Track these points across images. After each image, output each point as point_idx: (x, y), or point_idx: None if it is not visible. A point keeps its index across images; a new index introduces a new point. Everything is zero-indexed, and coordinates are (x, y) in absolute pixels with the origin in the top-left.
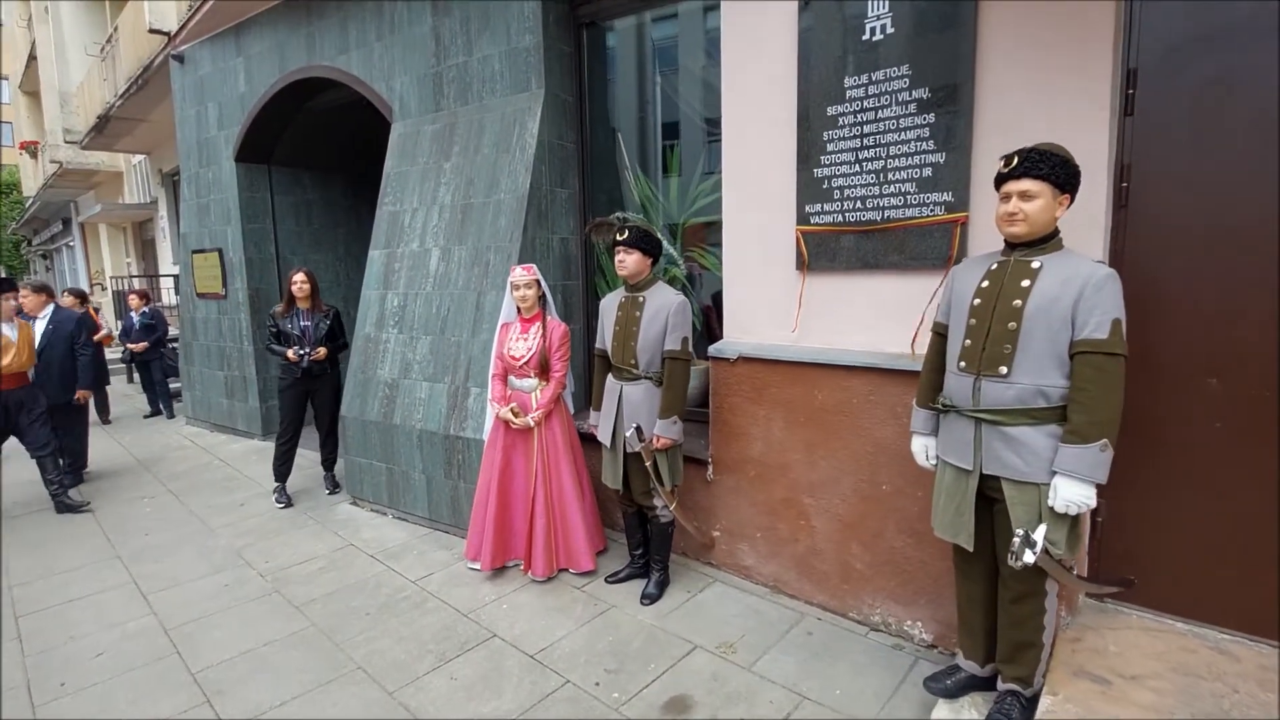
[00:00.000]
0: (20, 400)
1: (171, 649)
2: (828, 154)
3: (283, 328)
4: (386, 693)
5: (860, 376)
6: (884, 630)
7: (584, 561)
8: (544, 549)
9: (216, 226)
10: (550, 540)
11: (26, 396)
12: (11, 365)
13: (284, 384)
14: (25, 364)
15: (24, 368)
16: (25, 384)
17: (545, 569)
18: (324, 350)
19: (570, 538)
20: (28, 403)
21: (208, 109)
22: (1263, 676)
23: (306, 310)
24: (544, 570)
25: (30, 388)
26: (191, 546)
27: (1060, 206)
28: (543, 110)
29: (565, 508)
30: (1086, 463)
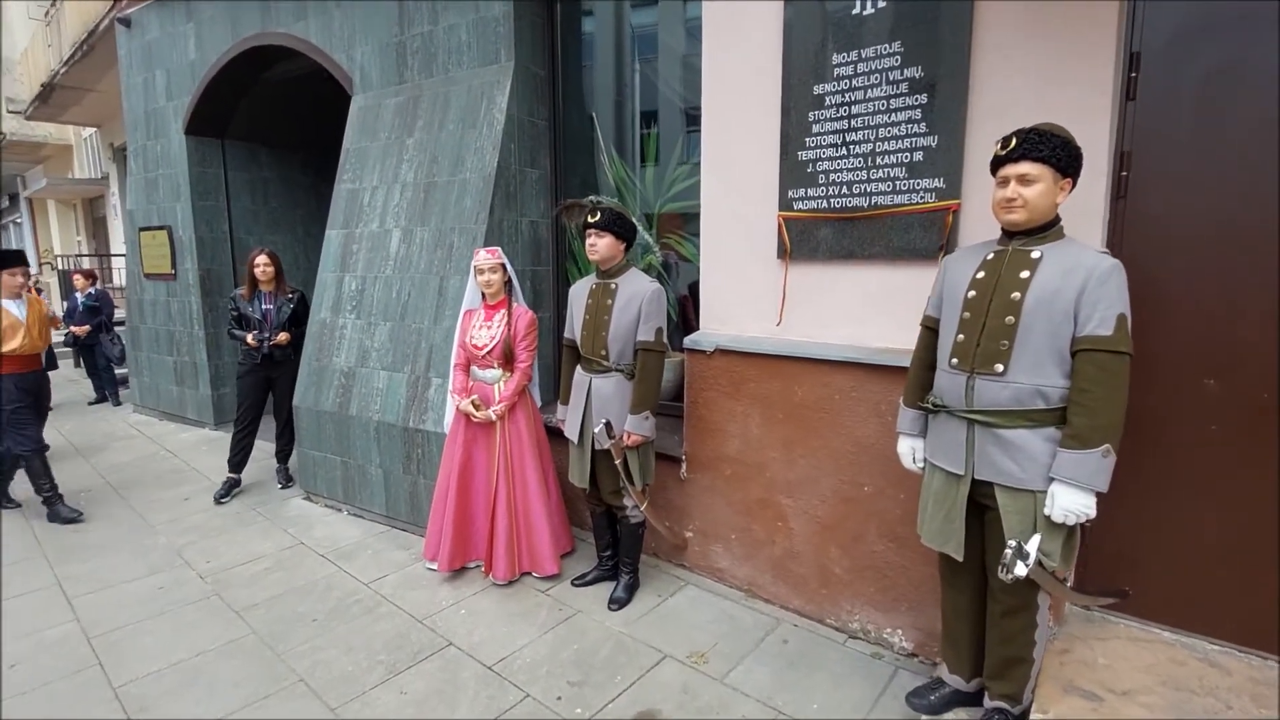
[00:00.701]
0: (29, 385)
1: (94, 659)
2: (813, 136)
3: (244, 311)
4: (329, 709)
5: (843, 372)
6: (863, 638)
7: (547, 565)
8: (505, 550)
9: (165, 203)
10: (512, 541)
11: (43, 382)
12: (22, 347)
13: (243, 369)
14: (38, 345)
15: (37, 349)
16: (37, 368)
17: (506, 572)
18: (286, 335)
19: (534, 539)
20: (44, 390)
21: (156, 77)
22: (1256, 691)
23: (270, 293)
24: (505, 573)
25: (43, 374)
26: (127, 545)
27: (1062, 192)
28: (512, 84)
29: (529, 507)
30: (1087, 469)
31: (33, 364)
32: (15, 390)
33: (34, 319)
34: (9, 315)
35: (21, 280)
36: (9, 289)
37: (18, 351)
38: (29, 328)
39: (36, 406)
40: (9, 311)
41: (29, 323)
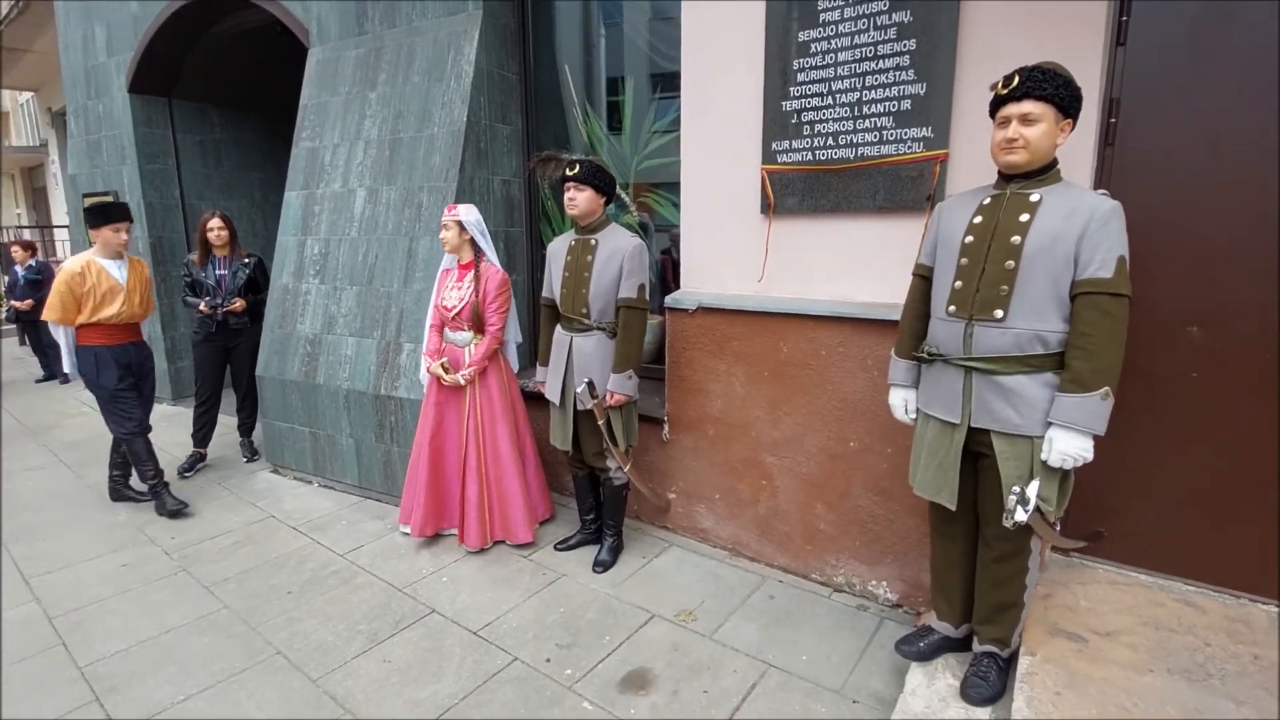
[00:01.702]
0: (132, 360)
1: (56, 640)
2: (798, 85)
3: (197, 277)
4: (310, 680)
5: (829, 327)
6: (848, 591)
7: (520, 533)
8: (476, 518)
9: (110, 167)
10: (484, 508)
11: (144, 357)
12: (120, 315)
13: (197, 339)
14: (138, 313)
15: (136, 318)
16: (137, 339)
17: (478, 539)
18: (241, 302)
19: (506, 507)
20: (139, 366)
21: (95, 32)
22: (1231, 628)
23: (224, 258)
24: (476, 541)
25: (143, 346)
26: (86, 523)
27: (1062, 133)
28: (480, 34)
29: (501, 474)
30: (1086, 413)
31: (132, 335)
32: (113, 365)
33: (135, 283)
34: (107, 277)
35: (125, 238)
36: (111, 247)
37: (114, 320)
38: (129, 293)
39: (137, 384)
40: (108, 273)
41: (130, 287)
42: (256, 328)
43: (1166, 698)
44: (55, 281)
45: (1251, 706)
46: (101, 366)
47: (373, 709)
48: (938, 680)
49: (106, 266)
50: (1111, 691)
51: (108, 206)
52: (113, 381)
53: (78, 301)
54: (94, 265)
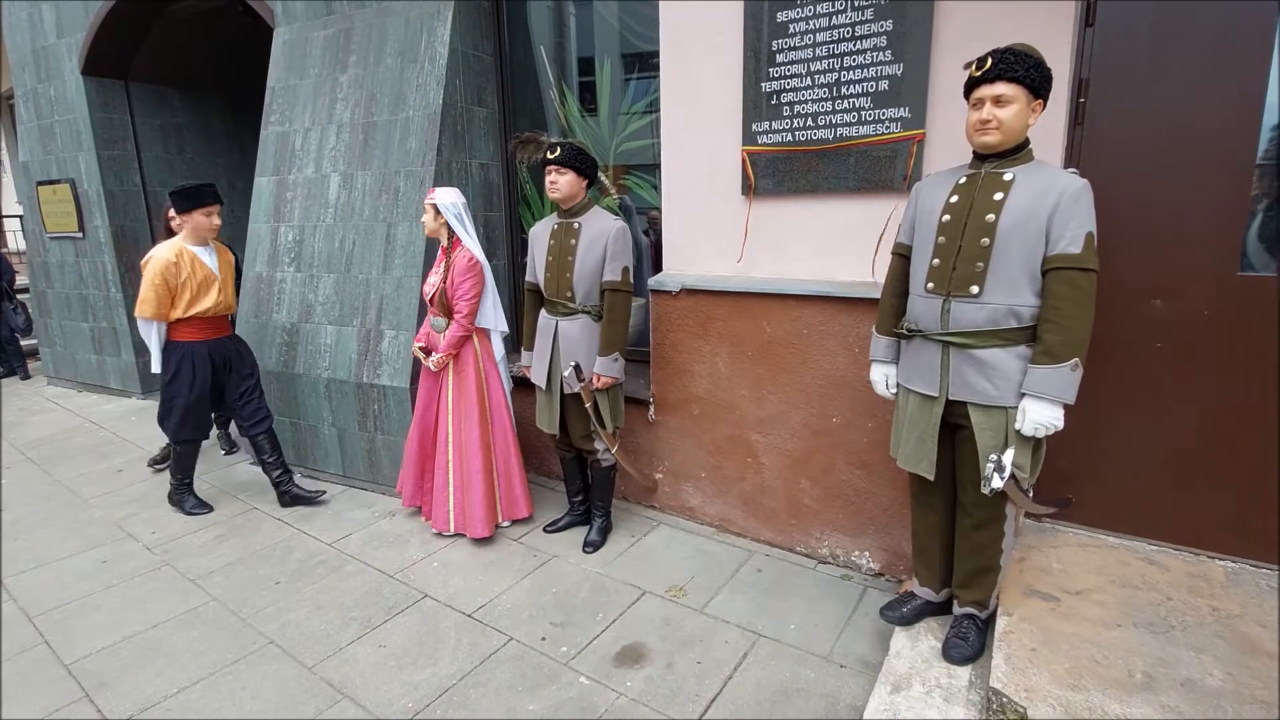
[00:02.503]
0: (229, 354)
1: (38, 639)
2: (777, 66)
3: None
4: (305, 668)
5: (811, 306)
6: (832, 562)
7: (478, 527)
8: (442, 503)
9: (65, 153)
10: (448, 495)
11: (238, 349)
12: (219, 305)
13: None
14: (231, 304)
15: (229, 310)
16: (230, 332)
17: (443, 523)
18: None
19: (469, 500)
20: (237, 358)
21: (42, 10)
22: (1191, 584)
23: None
24: (441, 525)
25: (237, 338)
26: (59, 521)
27: (1033, 113)
28: (454, 15)
29: (467, 466)
30: (1056, 383)
31: (225, 327)
32: (207, 363)
33: (226, 272)
34: (202, 266)
35: (217, 222)
36: (200, 232)
37: (210, 313)
38: (223, 283)
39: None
40: (201, 261)
41: (223, 277)
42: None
43: (1133, 648)
44: (147, 273)
45: (1210, 654)
46: (196, 365)
47: (371, 693)
48: (920, 643)
49: (199, 254)
50: (1083, 645)
51: (199, 189)
52: (200, 388)
53: (173, 294)
54: (186, 253)
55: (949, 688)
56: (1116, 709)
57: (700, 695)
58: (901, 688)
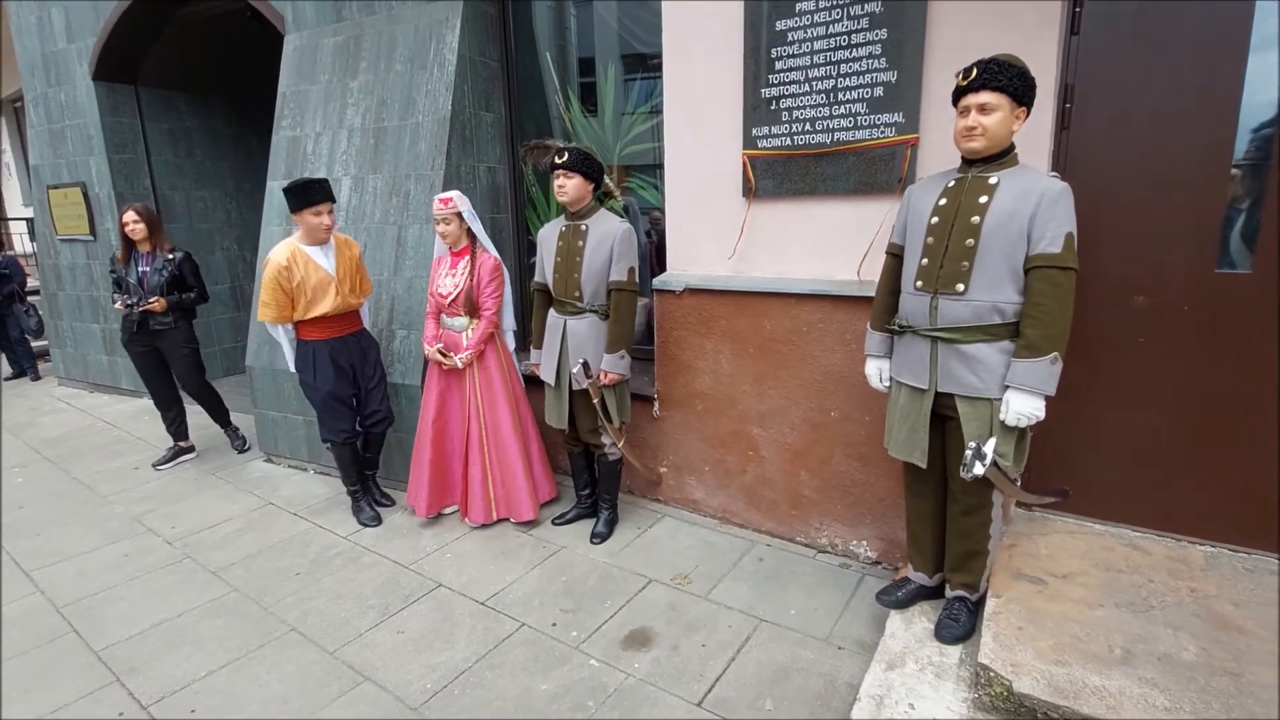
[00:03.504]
0: (352, 354)
1: (67, 627)
2: (776, 73)
3: (120, 275)
4: (327, 653)
5: (810, 304)
6: (831, 551)
7: (524, 511)
8: (481, 494)
9: (76, 157)
10: (487, 486)
11: (364, 348)
12: (336, 307)
13: (124, 340)
14: (355, 300)
15: (349, 307)
16: (357, 328)
17: (483, 515)
18: (159, 301)
19: (510, 485)
20: (361, 358)
21: (52, 15)
22: (1171, 567)
23: (147, 254)
24: (481, 516)
25: (363, 335)
26: (79, 517)
27: (1017, 120)
28: (462, 22)
29: (503, 453)
30: (1037, 376)
31: (351, 325)
32: (329, 364)
33: (345, 268)
34: (315, 268)
35: (328, 220)
36: (314, 233)
37: (330, 313)
38: (339, 282)
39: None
40: (315, 263)
41: (339, 275)
42: (185, 326)
43: (1113, 626)
44: (263, 277)
45: (1186, 630)
46: (319, 366)
47: (391, 674)
48: (914, 624)
49: (312, 255)
50: (1066, 624)
51: (307, 185)
52: (329, 383)
53: (290, 297)
54: (300, 255)
55: (940, 665)
56: (1096, 680)
57: (705, 675)
58: (895, 665)
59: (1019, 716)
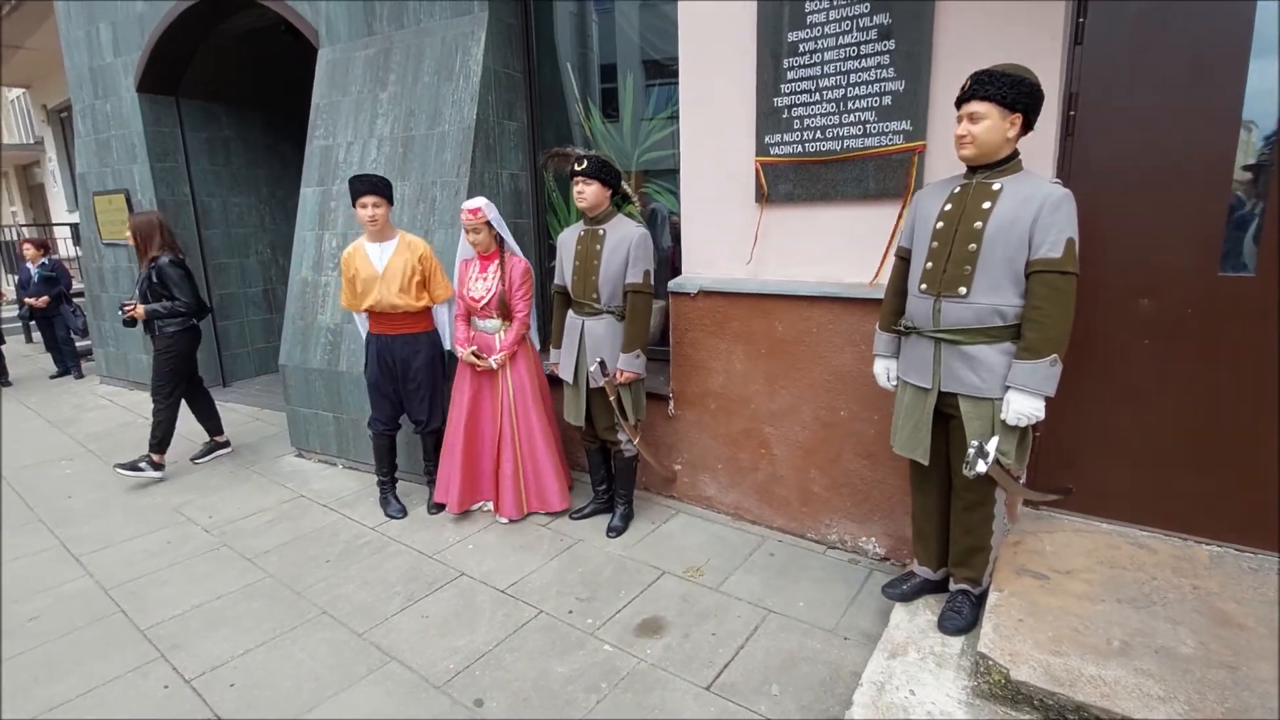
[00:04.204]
0: (396, 354)
1: (115, 608)
2: (788, 82)
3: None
4: (356, 634)
5: (821, 306)
6: (840, 548)
7: (554, 501)
8: (512, 491)
9: (120, 165)
10: (519, 482)
11: (410, 352)
12: (378, 304)
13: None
14: (401, 302)
15: (399, 307)
16: (410, 330)
17: (514, 510)
18: (135, 307)
19: (541, 479)
20: (403, 363)
21: (99, 31)
22: (1176, 565)
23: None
24: (513, 512)
25: (417, 340)
26: (122, 506)
27: (1012, 126)
28: (487, 35)
29: (535, 449)
30: (1037, 377)
31: (399, 326)
32: (374, 356)
33: (396, 267)
34: (366, 264)
35: (370, 213)
36: (363, 225)
37: (375, 309)
38: (385, 280)
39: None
40: (366, 259)
41: (387, 274)
42: (167, 335)
43: (1113, 620)
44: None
45: (1186, 625)
46: (369, 356)
47: (416, 655)
48: (918, 616)
49: (368, 251)
50: (1066, 618)
51: (353, 180)
52: (373, 374)
53: (351, 286)
54: (359, 249)
55: (942, 655)
56: (1093, 671)
57: (714, 661)
58: (898, 654)
59: (1015, 703)
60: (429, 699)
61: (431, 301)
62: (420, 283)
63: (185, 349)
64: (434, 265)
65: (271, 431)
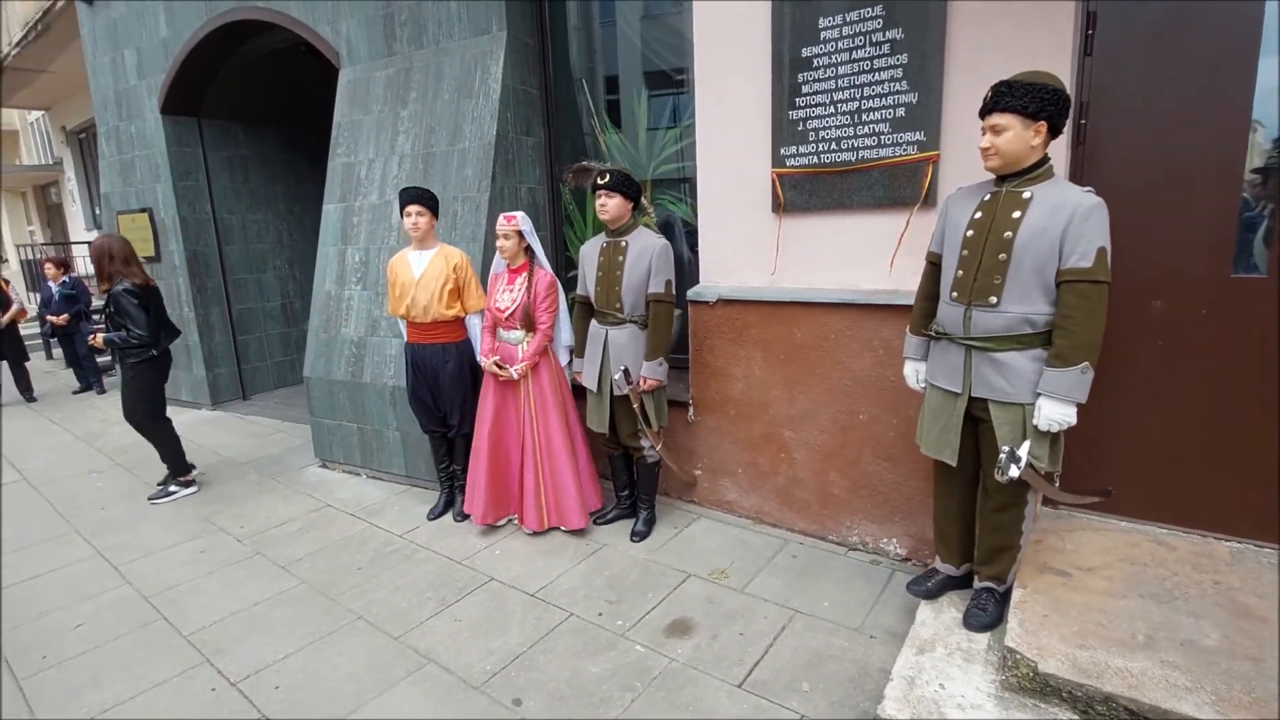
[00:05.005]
0: (426, 362)
1: (156, 615)
2: (802, 96)
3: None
4: (392, 638)
5: (839, 313)
6: (862, 549)
7: (574, 519)
8: (534, 503)
9: (144, 185)
10: (539, 495)
11: (440, 362)
12: (410, 312)
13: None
14: (431, 309)
15: (441, 314)
16: (443, 340)
17: (536, 523)
18: (97, 339)
19: (560, 494)
20: (432, 373)
21: (124, 56)
22: (1196, 561)
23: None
24: (534, 524)
25: (449, 350)
26: (155, 517)
27: (1037, 135)
28: (506, 54)
29: (554, 463)
30: (1067, 384)
31: (432, 335)
32: (409, 364)
33: (432, 277)
34: (404, 270)
35: (414, 221)
36: (408, 231)
37: (414, 317)
38: (419, 288)
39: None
40: (407, 266)
41: (423, 279)
42: (128, 366)
43: (1136, 615)
44: None
45: (1209, 619)
46: (405, 364)
47: (453, 657)
48: (943, 613)
49: (410, 259)
50: (1090, 613)
51: (403, 191)
52: (409, 382)
53: (393, 290)
54: (402, 256)
55: (969, 650)
56: (1119, 663)
57: (744, 660)
58: (926, 650)
59: (1044, 695)
60: (468, 699)
61: (464, 311)
62: (454, 290)
63: (147, 379)
64: (469, 276)
65: (294, 443)
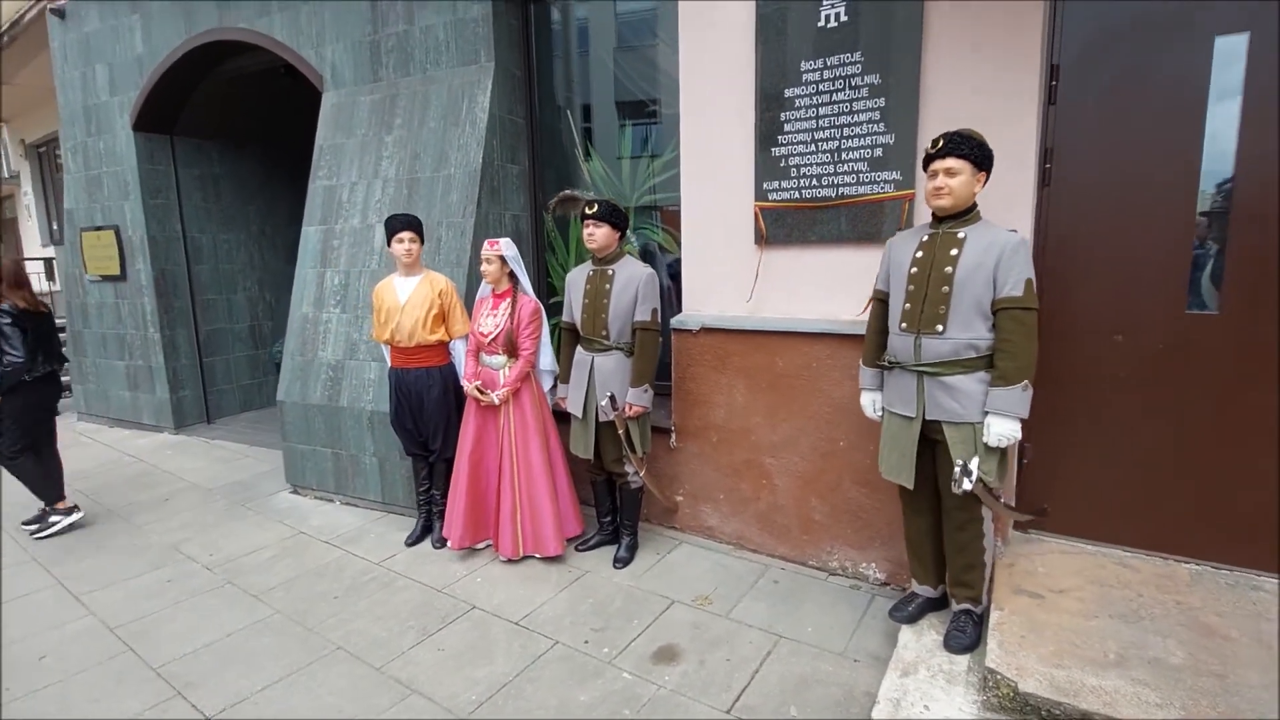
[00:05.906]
0: (411, 388)
1: (123, 647)
2: (785, 134)
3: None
4: (374, 669)
5: (820, 342)
6: (842, 574)
7: (549, 546)
8: (509, 530)
9: (111, 202)
10: (515, 522)
11: (424, 388)
12: (395, 337)
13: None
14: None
15: (425, 339)
16: (424, 365)
17: (511, 550)
18: None
19: (538, 522)
20: (416, 398)
21: (95, 71)
22: (1159, 582)
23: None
24: (509, 551)
25: (432, 375)
26: (117, 545)
27: (978, 183)
28: (493, 83)
29: (532, 489)
30: (1012, 401)
31: (417, 360)
32: (393, 390)
33: (416, 303)
34: (390, 295)
35: (405, 248)
36: (398, 258)
37: (394, 342)
38: (403, 313)
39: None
40: (393, 291)
41: (408, 304)
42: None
43: (1107, 635)
44: None
45: (1174, 638)
46: (389, 389)
47: (437, 688)
48: (924, 636)
49: (396, 285)
50: (1065, 633)
51: (391, 218)
52: (392, 408)
53: (378, 316)
54: (388, 282)
55: (950, 672)
56: (1093, 681)
57: (731, 686)
58: (909, 673)
59: (1024, 713)
60: None
61: (448, 336)
62: (438, 315)
63: (17, 406)
64: (454, 301)
65: (263, 468)
